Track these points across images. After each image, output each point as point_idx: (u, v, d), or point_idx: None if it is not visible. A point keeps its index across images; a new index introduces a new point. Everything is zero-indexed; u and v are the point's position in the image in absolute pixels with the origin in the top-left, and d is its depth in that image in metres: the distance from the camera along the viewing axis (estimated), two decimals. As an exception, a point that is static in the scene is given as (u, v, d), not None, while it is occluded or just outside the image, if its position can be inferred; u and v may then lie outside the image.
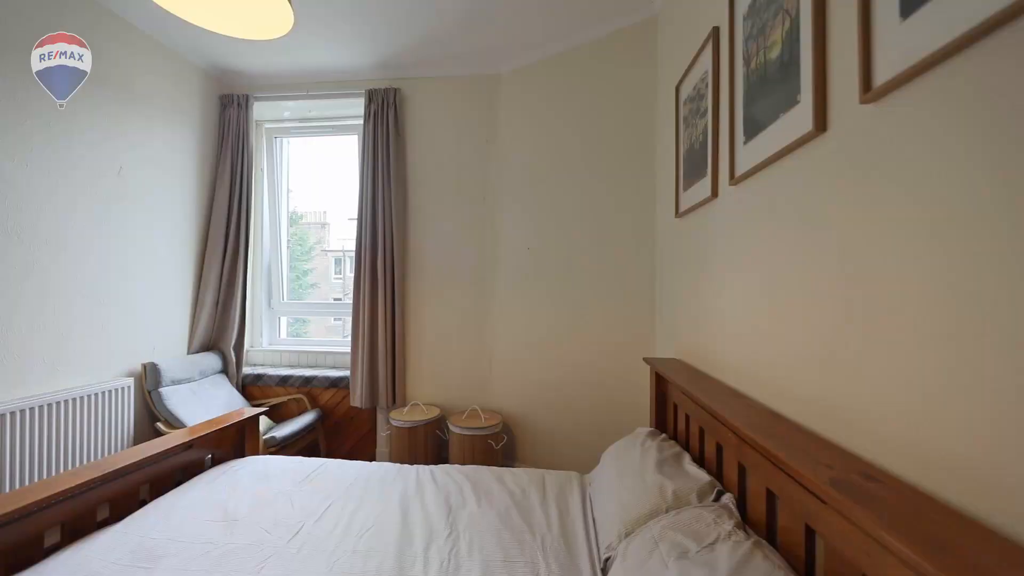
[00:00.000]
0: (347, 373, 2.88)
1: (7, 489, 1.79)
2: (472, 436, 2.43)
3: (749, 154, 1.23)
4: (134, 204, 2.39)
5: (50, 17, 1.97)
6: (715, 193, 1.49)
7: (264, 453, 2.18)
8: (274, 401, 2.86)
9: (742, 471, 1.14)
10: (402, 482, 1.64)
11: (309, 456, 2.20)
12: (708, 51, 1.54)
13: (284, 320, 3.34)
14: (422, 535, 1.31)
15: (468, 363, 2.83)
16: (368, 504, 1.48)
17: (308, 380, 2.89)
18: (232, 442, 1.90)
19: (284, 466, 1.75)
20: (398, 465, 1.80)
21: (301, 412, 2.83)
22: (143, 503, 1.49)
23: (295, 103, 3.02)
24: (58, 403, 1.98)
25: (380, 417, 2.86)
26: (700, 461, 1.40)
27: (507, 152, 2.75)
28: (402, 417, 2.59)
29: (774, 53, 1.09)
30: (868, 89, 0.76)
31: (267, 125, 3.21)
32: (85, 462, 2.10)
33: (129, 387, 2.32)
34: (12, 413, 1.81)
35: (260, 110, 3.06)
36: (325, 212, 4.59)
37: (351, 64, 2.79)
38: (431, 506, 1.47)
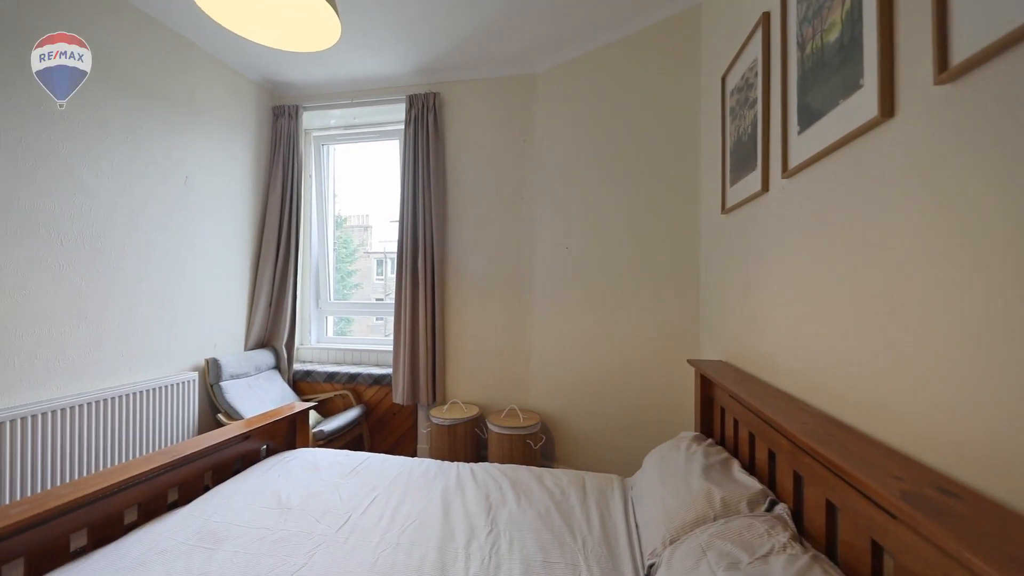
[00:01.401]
0: (389, 371, 2.96)
1: (92, 470, 1.98)
2: (511, 435, 2.44)
3: (803, 145, 1.16)
4: (197, 211, 2.58)
5: (123, 41, 2.15)
6: (765, 187, 1.42)
7: (313, 446, 2.29)
8: (322, 397, 3.00)
9: (798, 480, 1.08)
10: (443, 478, 1.67)
11: (354, 450, 2.29)
12: (757, 38, 1.46)
13: (331, 319, 3.49)
14: (463, 531, 1.33)
15: (506, 363, 2.84)
16: (411, 498, 1.52)
17: (353, 377, 3.00)
18: (284, 434, 2.01)
19: (332, 459, 1.82)
20: (439, 462, 1.83)
21: (346, 407, 2.95)
22: (206, 488, 1.61)
23: (340, 111, 3.15)
24: (135, 394, 2.16)
25: (421, 414, 2.93)
26: (750, 468, 1.34)
27: (544, 151, 2.74)
28: (442, 415, 2.64)
29: (832, 36, 1.02)
30: (944, 68, 0.70)
31: (315, 133, 3.37)
32: (156, 448, 2.28)
33: (194, 381, 2.50)
34: (98, 402, 1.99)
35: (308, 119, 3.22)
36: (367, 215, 4.75)
37: (392, 71, 2.88)
38: (471, 503, 1.49)
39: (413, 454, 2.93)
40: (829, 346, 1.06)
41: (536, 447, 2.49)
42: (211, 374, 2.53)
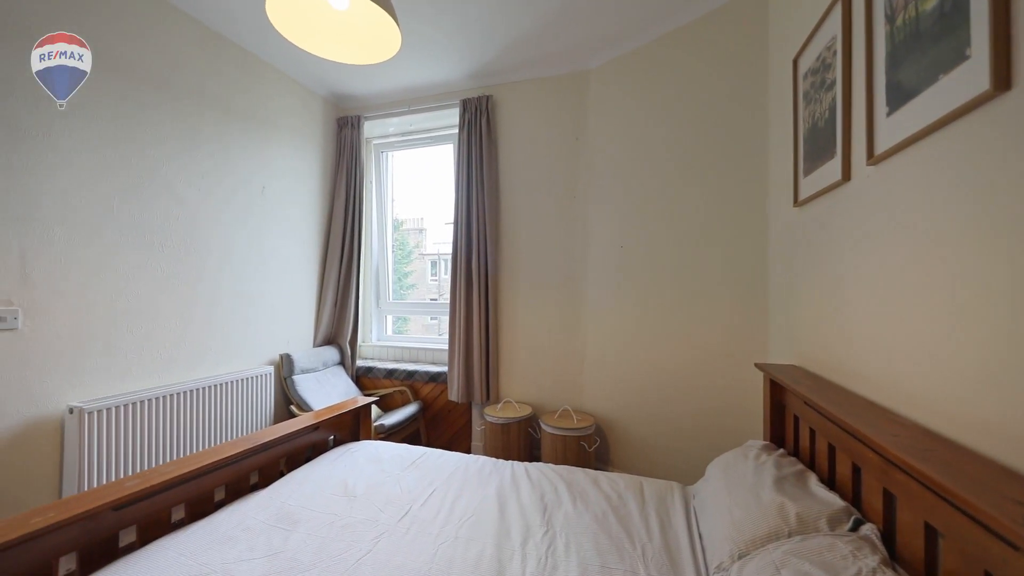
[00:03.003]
0: (445, 369, 3.05)
1: (184, 452, 2.21)
2: (564, 436, 2.42)
3: (893, 127, 1.05)
4: (271, 217, 2.80)
5: (211, 67, 2.38)
6: (847, 176, 1.30)
7: (375, 438, 2.40)
8: (382, 392, 3.14)
9: (889, 499, 0.97)
10: (498, 476, 1.69)
11: (412, 444, 2.37)
12: (836, 14, 1.34)
13: (390, 318, 3.65)
14: (519, 529, 1.33)
15: (559, 363, 2.82)
16: (467, 494, 1.55)
17: (411, 374, 3.12)
18: (349, 426, 2.13)
19: (392, 451, 1.90)
20: (494, 459, 1.85)
21: (404, 403, 3.07)
22: (281, 474, 1.74)
23: (398, 119, 3.28)
24: (220, 384, 2.39)
25: (475, 412, 2.98)
26: (829, 483, 1.23)
27: (597, 149, 2.69)
28: (496, 413, 2.67)
29: (930, 3, 0.91)
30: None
31: (375, 141, 3.54)
32: (238, 434, 2.50)
33: (270, 374, 2.71)
34: (189, 392, 2.22)
35: (369, 128, 3.39)
36: (422, 218, 4.92)
37: (447, 77, 2.95)
38: (527, 502, 1.49)
39: (467, 451, 2.99)
40: (927, 353, 0.95)
41: (590, 449, 2.44)
42: (285, 368, 2.74)
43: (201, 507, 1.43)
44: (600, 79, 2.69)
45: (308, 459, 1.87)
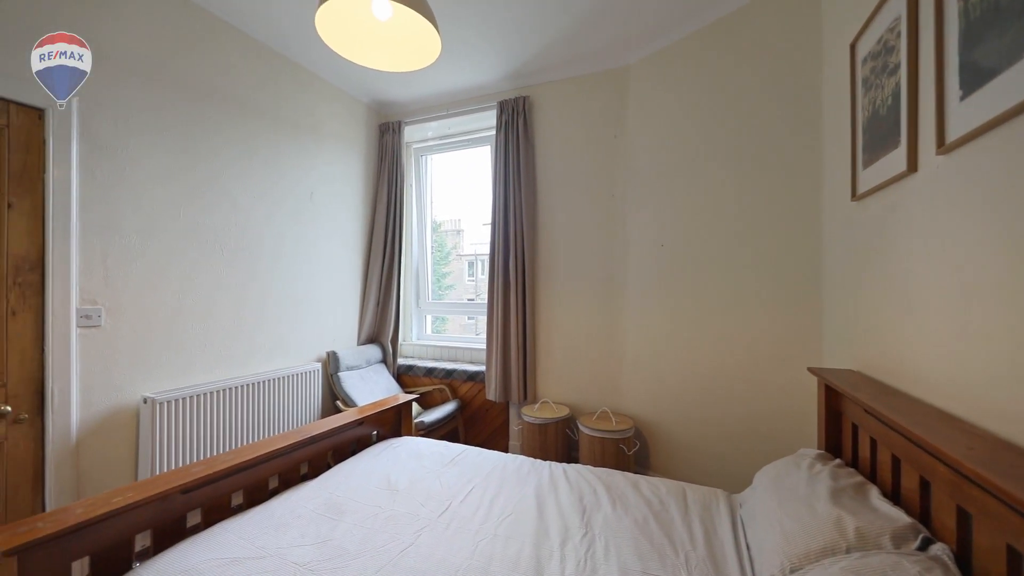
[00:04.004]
0: (483, 368, 3.08)
1: (241, 442, 2.35)
2: (603, 438, 2.39)
3: (968, 112, 0.96)
4: (317, 221, 2.94)
5: (264, 81, 2.53)
6: (913, 166, 1.20)
7: (415, 435, 2.47)
8: (422, 390, 3.22)
9: (963, 517, 0.89)
10: (536, 476, 1.69)
11: (450, 441, 2.42)
12: (900, -8, 1.25)
13: (429, 318, 3.74)
14: (558, 530, 1.33)
15: (598, 364, 2.79)
16: (505, 492, 1.56)
17: (449, 373, 3.18)
18: (391, 422, 2.20)
19: (433, 448, 1.95)
20: (531, 459, 1.86)
21: (443, 401, 3.13)
22: (328, 466, 1.82)
23: (437, 123, 3.36)
24: (270, 380, 2.52)
25: (512, 412, 3.00)
26: (893, 497, 1.14)
27: (636, 145, 2.64)
28: (533, 413, 2.67)
29: (1012, -25, 0.83)
30: None
31: (415, 145, 3.64)
32: (288, 427, 2.64)
33: (317, 371, 2.85)
34: (242, 386, 2.36)
35: (409, 133, 3.49)
36: (459, 219, 4.99)
37: (484, 79, 2.99)
38: (565, 503, 1.48)
39: (505, 450, 3.01)
40: (1008, 360, 0.86)
41: (629, 452, 2.40)
42: (331, 365, 2.86)
43: (257, 494, 1.52)
44: (639, 75, 2.64)
45: (353, 452, 1.95)
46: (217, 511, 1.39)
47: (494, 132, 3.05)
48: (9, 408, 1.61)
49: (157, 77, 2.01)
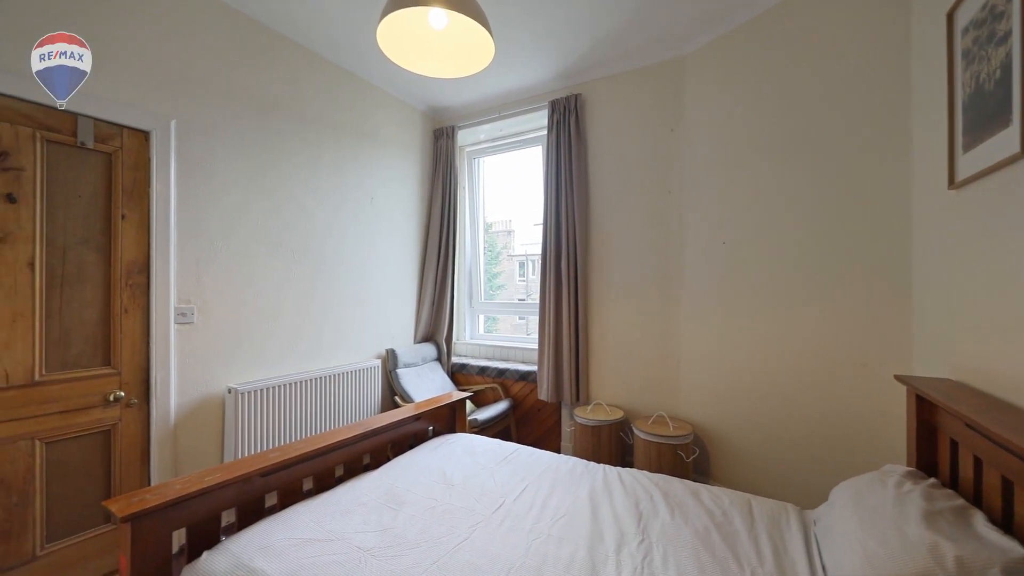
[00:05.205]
0: (534, 368, 3.09)
1: (308, 432, 2.52)
2: (659, 444, 2.30)
3: (1103, 81, 0.82)
4: (377, 224, 3.09)
5: (326, 92, 2.70)
6: (1028, 148, 1.05)
7: (469, 432, 2.52)
8: (475, 388, 3.28)
9: (1097, 554, 0.77)
10: (590, 478, 1.67)
11: (502, 440, 2.44)
12: (1011, -50, 1.09)
13: (481, 317, 3.81)
14: (612, 535, 1.30)
15: (653, 367, 2.70)
16: (559, 493, 1.56)
17: (501, 372, 3.22)
18: (446, 419, 2.26)
19: (486, 445, 1.98)
20: (585, 461, 1.83)
21: (496, 400, 3.17)
22: (388, 458, 1.91)
23: (489, 125, 3.41)
24: (335, 375, 2.69)
25: (564, 412, 2.97)
26: (1004, 525, 1.01)
27: (696, 139, 2.52)
28: (586, 415, 2.64)
29: None
30: None
31: (467, 149, 3.72)
32: (351, 420, 2.80)
33: (377, 367, 2.99)
34: (310, 380, 2.53)
35: (462, 136, 3.57)
36: (510, 220, 5.04)
37: (535, 80, 2.99)
38: (620, 508, 1.45)
39: (556, 451, 3.00)
40: None
41: (688, 460, 2.29)
42: (390, 362, 3.00)
43: (325, 481, 1.63)
44: (697, 64, 2.52)
45: (411, 446, 2.03)
46: (290, 495, 1.51)
47: (545, 132, 3.05)
48: (123, 394, 1.84)
49: (234, 94, 2.21)
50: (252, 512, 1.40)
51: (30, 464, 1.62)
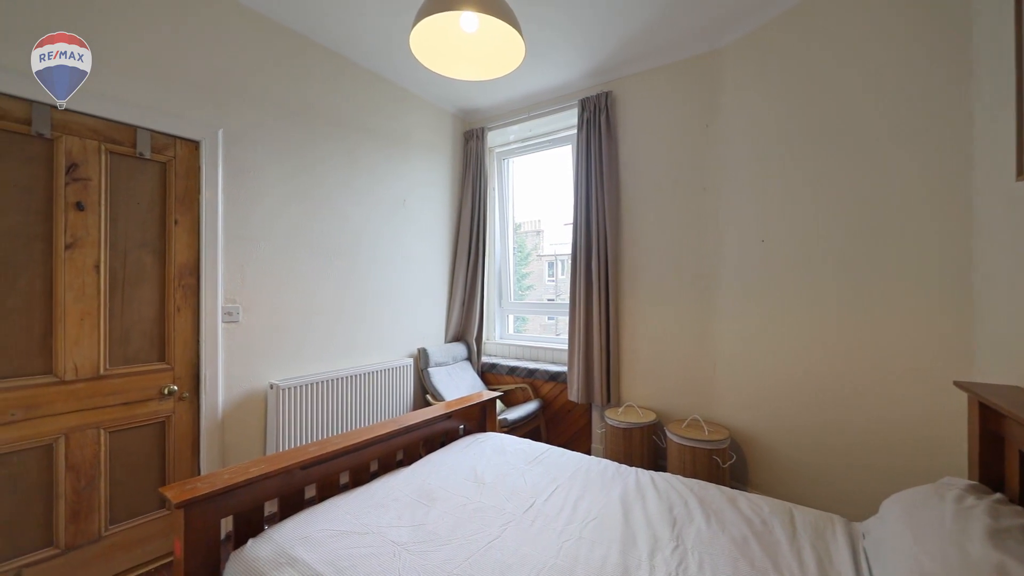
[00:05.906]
0: (564, 368, 3.07)
1: (344, 428, 2.61)
2: (694, 448, 2.24)
3: None
4: (409, 225, 3.15)
5: (361, 97, 2.78)
6: (1111, 133, 0.95)
7: (499, 431, 2.53)
8: (505, 388, 3.29)
9: None
10: (621, 481, 1.64)
11: (532, 440, 2.44)
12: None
13: (511, 317, 3.82)
14: (645, 540, 1.28)
15: (687, 368, 2.62)
16: (590, 495, 1.54)
17: (531, 372, 3.22)
18: (476, 418, 2.28)
19: (517, 445, 1.99)
20: (616, 464, 1.81)
21: (526, 400, 3.17)
22: (420, 455, 1.94)
23: (518, 126, 3.41)
24: (368, 373, 2.76)
25: (595, 414, 2.94)
26: (1083, 547, 0.92)
27: (733, 134, 2.43)
28: (617, 417, 2.60)
29: None
30: None
31: (497, 150, 3.74)
32: (384, 417, 2.87)
33: (409, 366, 3.06)
34: (343, 378, 2.60)
35: (492, 138, 3.60)
36: (539, 220, 5.03)
37: (565, 78, 2.97)
38: (653, 512, 1.42)
39: (587, 452, 2.97)
40: None
41: (724, 465, 2.22)
42: (421, 361, 3.06)
43: (361, 475, 1.68)
44: (734, 57, 2.43)
45: (442, 444, 2.06)
46: (328, 488, 1.57)
47: (575, 131, 3.03)
48: (176, 388, 1.97)
49: (274, 101, 2.31)
50: (293, 503, 1.46)
51: (96, 451, 1.76)
